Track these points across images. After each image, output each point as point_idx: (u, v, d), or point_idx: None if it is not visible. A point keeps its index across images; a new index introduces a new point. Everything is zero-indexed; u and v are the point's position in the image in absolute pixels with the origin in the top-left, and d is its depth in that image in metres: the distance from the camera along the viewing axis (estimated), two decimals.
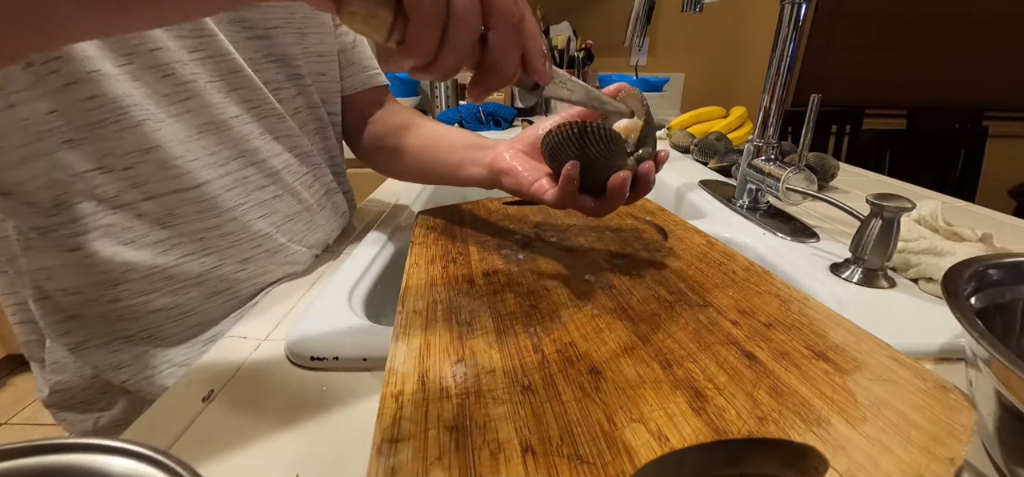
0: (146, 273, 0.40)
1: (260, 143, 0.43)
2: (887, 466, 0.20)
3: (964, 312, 0.23)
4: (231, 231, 0.42)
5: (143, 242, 0.39)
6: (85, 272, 0.38)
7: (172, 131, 0.38)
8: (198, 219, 0.40)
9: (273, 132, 0.45)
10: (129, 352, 0.42)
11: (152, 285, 0.40)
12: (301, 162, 0.48)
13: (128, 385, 0.42)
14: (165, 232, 0.40)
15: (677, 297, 0.34)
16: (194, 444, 0.27)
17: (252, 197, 0.43)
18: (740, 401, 0.24)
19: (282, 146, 0.46)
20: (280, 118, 0.45)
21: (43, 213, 0.36)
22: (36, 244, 0.38)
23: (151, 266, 0.40)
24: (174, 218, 0.40)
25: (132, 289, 0.40)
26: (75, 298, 0.40)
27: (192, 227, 0.40)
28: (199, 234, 0.41)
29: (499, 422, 0.23)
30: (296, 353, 0.33)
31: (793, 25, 0.53)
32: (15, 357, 1.79)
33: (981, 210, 0.64)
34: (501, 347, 0.29)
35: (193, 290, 0.42)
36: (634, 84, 1.55)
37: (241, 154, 0.42)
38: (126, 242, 0.39)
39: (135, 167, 0.37)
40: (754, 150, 0.59)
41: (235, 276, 0.44)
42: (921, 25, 1.99)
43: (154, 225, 0.39)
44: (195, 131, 0.39)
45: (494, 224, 0.51)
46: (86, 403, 0.44)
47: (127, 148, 0.36)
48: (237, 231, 0.43)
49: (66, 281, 0.39)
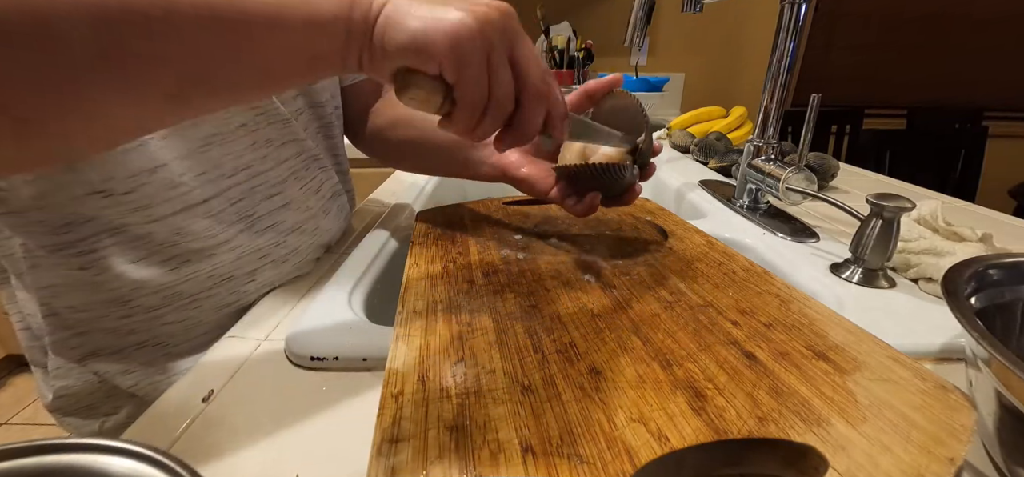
0: (156, 290, 0.40)
1: (266, 151, 0.43)
2: (887, 466, 0.20)
3: (964, 312, 0.23)
4: (238, 245, 0.42)
5: (151, 260, 0.39)
6: (94, 290, 0.38)
7: (176, 147, 0.37)
8: (205, 235, 0.40)
9: (280, 139, 0.44)
10: (137, 360, 0.42)
11: (163, 301, 0.40)
12: (307, 167, 0.48)
13: (135, 390, 0.42)
14: (172, 250, 0.39)
15: (677, 297, 0.34)
16: (194, 444, 0.27)
17: (259, 208, 0.43)
18: (740, 401, 0.24)
19: (288, 152, 0.45)
20: (285, 123, 0.45)
21: (52, 231, 0.36)
22: (44, 262, 0.37)
23: (160, 284, 0.40)
24: (181, 236, 0.39)
25: (142, 306, 0.40)
26: (84, 315, 0.39)
27: (199, 244, 0.40)
28: (207, 251, 0.41)
29: (499, 422, 0.23)
30: (296, 353, 0.33)
31: (793, 25, 0.53)
32: (15, 357, 1.79)
33: (981, 210, 0.64)
34: (501, 347, 0.29)
35: (203, 303, 0.42)
36: (634, 84, 1.54)
37: (247, 165, 0.42)
38: (135, 261, 0.38)
39: (139, 189, 0.36)
40: (754, 150, 0.59)
41: (244, 288, 0.43)
42: (921, 25, 1.99)
43: (161, 243, 0.39)
44: (199, 144, 0.38)
45: (494, 224, 0.51)
46: (91, 408, 0.43)
47: (131, 170, 0.35)
48: (244, 244, 0.42)
49: (74, 299, 0.39)
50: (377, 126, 0.59)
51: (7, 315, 0.44)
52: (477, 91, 0.28)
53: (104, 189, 0.35)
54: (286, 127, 0.45)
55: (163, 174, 0.37)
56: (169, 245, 0.39)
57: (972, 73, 2.03)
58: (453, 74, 0.27)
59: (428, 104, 0.28)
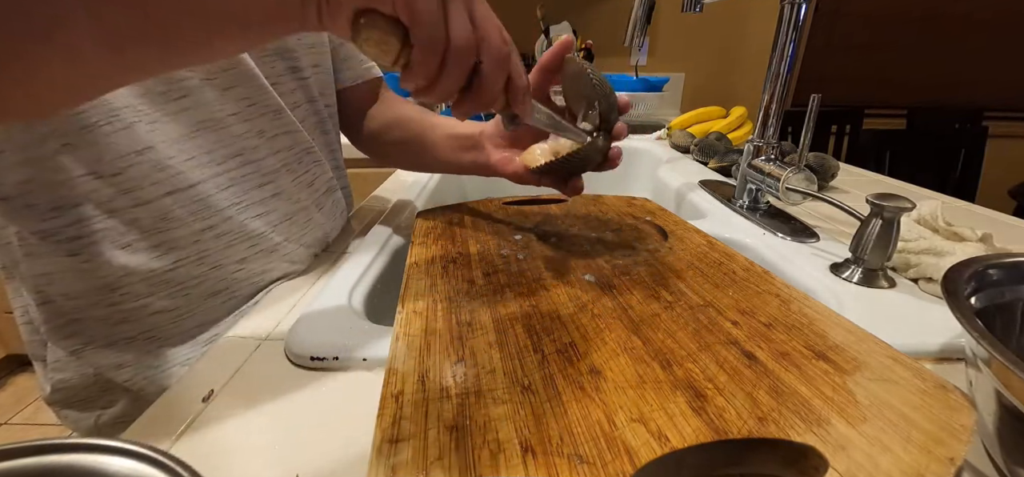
0: (144, 276, 0.40)
1: (258, 142, 0.43)
2: (887, 466, 0.20)
3: (964, 312, 0.23)
4: (227, 231, 0.42)
5: (139, 246, 0.39)
6: (85, 277, 0.38)
7: (165, 131, 0.37)
8: (193, 220, 0.40)
9: (272, 129, 0.44)
10: (130, 352, 0.42)
11: (151, 288, 0.40)
12: (301, 159, 0.48)
13: (129, 384, 0.42)
14: (160, 235, 0.39)
15: (677, 297, 0.34)
16: (194, 444, 0.27)
17: (248, 196, 0.43)
18: (740, 401, 0.24)
19: (281, 143, 0.45)
20: (278, 113, 0.45)
21: (41, 217, 0.36)
22: (36, 249, 0.38)
23: (149, 270, 0.40)
24: (169, 221, 0.39)
25: (131, 293, 0.40)
26: (77, 302, 0.40)
27: (187, 229, 0.40)
28: (194, 237, 0.41)
29: (499, 422, 0.23)
30: (296, 353, 0.33)
31: (793, 25, 0.53)
32: (15, 357, 1.79)
33: (981, 210, 0.64)
34: (501, 347, 0.29)
35: (192, 291, 0.42)
36: (634, 84, 1.53)
37: (238, 152, 0.42)
38: (122, 246, 0.38)
39: (126, 171, 0.36)
40: (754, 150, 0.59)
41: (233, 276, 0.44)
42: (921, 25, 1.99)
43: (149, 228, 0.39)
44: (190, 130, 0.39)
45: (494, 224, 0.51)
46: (87, 401, 0.44)
47: (119, 151, 0.36)
48: (233, 230, 0.42)
49: (67, 286, 0.39)
50: (372, 130, 0.61)
51: (7, 314, 0.44)
52: (434, 32, 0.27)
53: (94, 170, 0.36)
54: (279, 116, 0.45)
55: (151, 156, 0.37)
56: (157, 230, 0.39)
57: (972, 73, 2.02)
58: (407, 11, 0.26)
59: (385, 47, 0.27)
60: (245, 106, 0.42)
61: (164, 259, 0.40)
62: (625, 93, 0.43)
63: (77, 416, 0.44)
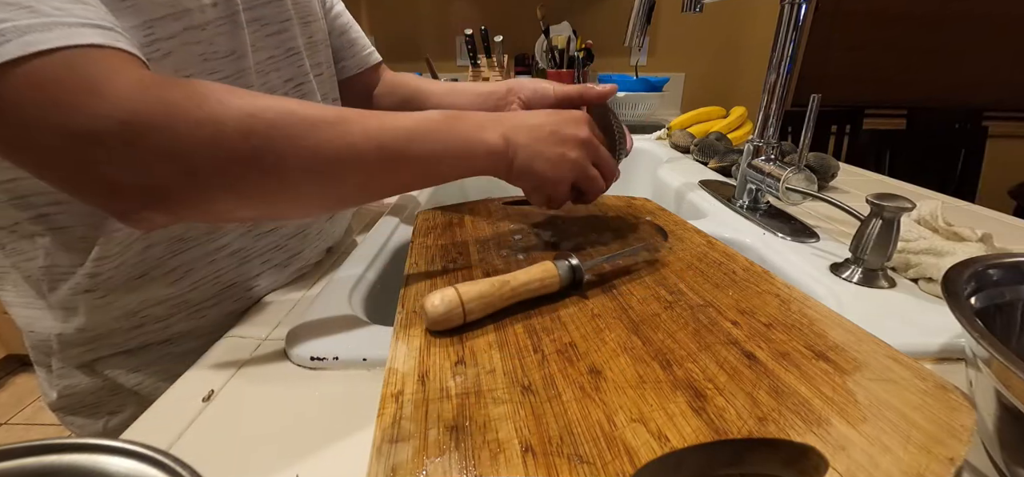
0: (161, 301, 0.40)
1: None
2: (887, 466, 0.20)
3: (964, 312, 0.23)
4: (240, 248, 0.42)
5: (155, 273, 0.39)
6: (103, 311, 0.39)
7: None
8: (208, 240, 0.40)
9: None
10: (143, 358, 0.42)
11: (170, 311, 0.41)
12: None
13: (139, 388, 0.42)
14: (177, 259, 0.40)
15: (677, 297, 0.34)
16: (194, 444, 0.27)
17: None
18: (740, 401, 0.24)
19: None
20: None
21: (74, 248, 0.36)
22: (60, 282, 0.38)
23: (166, 295, 0.40)
24: (185, 243, 0.39)
25: (151, 316, 0.40)
26: (95, 333, 0.40)
27: (202, 249, 0.40)
28: (210, 256, 0.41)
29: (499, 422, 0.23)
30: (296, 353, 0.33)
31: (793, 25, 0.53)
32: (15, 357, 1.79)
33: (981, 210, 0.64)
34: (501, 347, 0.29)
35: (209, 312, 0.42)
36: (634, 84, 1.54)
37: None
38: (139, 275, 0.39)
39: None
40: (754, 150, 0.59)
41: (247, 295, 0.44)
42: (921, 25, 1.99)
43: (166, 253, 0.39)
44: None
45: (494, 224, 0.51)
46: (95, 407, 0.43)
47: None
48: (247, 247, 0.42)
49: (85, 321, 0.39)
50: (382, 108, 0.60)
51: (7, 314, 0.44)
52: (559, 196, 0.40)
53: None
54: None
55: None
56: (172, 254, 0.39)
57: (972, 73, 2.02)
58: (549, 205, 0.41)
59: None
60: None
61: (180, 283, 0.40)
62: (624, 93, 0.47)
63: (83, 422, 0.44)
